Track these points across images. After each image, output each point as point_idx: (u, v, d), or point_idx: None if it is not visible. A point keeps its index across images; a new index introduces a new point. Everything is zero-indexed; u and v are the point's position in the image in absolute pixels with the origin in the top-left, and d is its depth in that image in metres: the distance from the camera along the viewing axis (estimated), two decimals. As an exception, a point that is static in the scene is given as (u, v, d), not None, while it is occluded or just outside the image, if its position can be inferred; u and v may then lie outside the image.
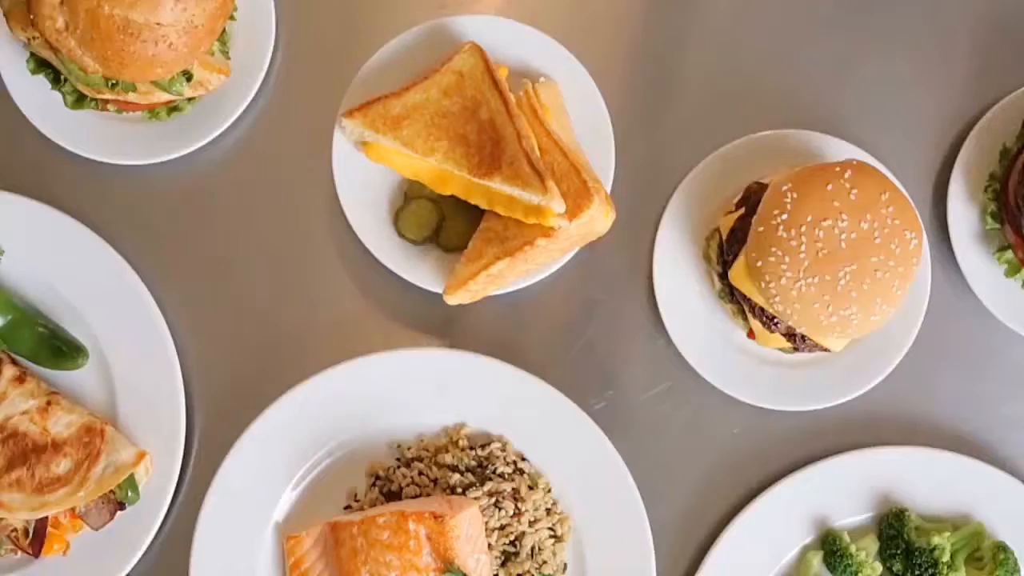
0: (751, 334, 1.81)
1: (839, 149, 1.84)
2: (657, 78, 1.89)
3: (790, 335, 1.76)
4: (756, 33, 1.90)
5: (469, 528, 1.73)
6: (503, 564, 1.79)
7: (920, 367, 1.86)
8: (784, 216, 1.69)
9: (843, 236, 1.68)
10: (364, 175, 1.81)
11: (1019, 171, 1.80)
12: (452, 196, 1.79)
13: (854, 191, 1.69)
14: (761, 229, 1.70)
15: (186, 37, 1.70)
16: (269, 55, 1.83)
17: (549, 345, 1.86)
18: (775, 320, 1.75)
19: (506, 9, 1.89)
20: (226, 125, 1.83)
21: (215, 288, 1.86)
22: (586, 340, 1.86)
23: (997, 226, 1.83)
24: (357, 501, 1.81)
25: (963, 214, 1.85)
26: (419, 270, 1.81)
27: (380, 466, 1.82)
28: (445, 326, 1.85)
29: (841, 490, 1.83)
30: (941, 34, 1.90)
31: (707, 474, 1.85)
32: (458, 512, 1.72)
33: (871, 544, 1.82)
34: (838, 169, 1.70)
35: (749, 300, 1.75)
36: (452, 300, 1.76)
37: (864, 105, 1.89)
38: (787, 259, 1.68)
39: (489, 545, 1.78)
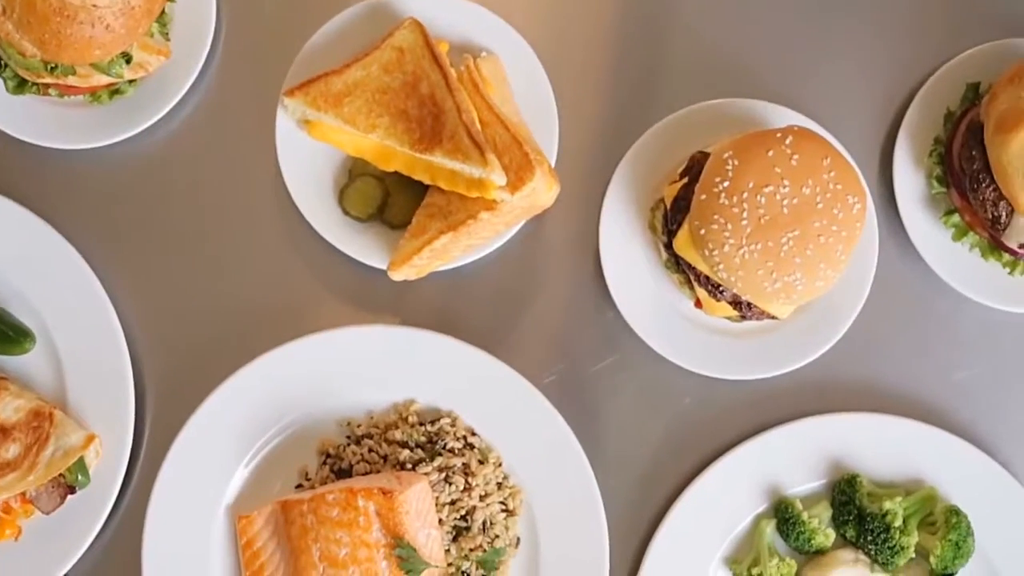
0: (698, 304, 1.80)
1: (784, 117, 1.83)
2: (600, 50, 1.89)
3: (736, 303, 1.75)
4: (699, 3, 1.89)
5: (418, 503, 1.73)
6: (454, 539, 1.79)
7: (871, 333, 1.86)
8: (726, 183, 1.69)
9: (785, 202, 1.67)
10: (308, 154, 1.81)
11: (963, 134, 1.79)
12: (396, 172, 1.78)
13: (795, 157, 1.68)
14: (703, 197, 1.70)
15: (123, 18, 1.70)
16: (210, 36, 1.83)
17: (498, 320, 1.85)
18: (720, 288, 1.74)
19: (449, -15, 1.88)
20: (169, 107, 1.82)
21: (163, 270, 1.85)
22: (535, 314, 1.86)
23: (943, 190, 1.82)
24: (308, 480, 1.81)
25: (909, 179, 1.85)
26: (365, 247, 1.81)
27: (330, 444, 1.82)
28: (393, 303, 1.85)
29: (793, 458, 1.82)
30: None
31: (659, 445, 1.85)
32: (407, 488, 1.72)
33: (824, 511, 1.82)
34: (779, 135, 1.70)
35: (694, 269, 1.75)
36: (397, 276, 1.76)
37: (808, 73, 1.88)
38: (729, 226, 1.68)
39: (440, 520, 1.78)
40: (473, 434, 1.81)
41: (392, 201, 1.81)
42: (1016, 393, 1.86)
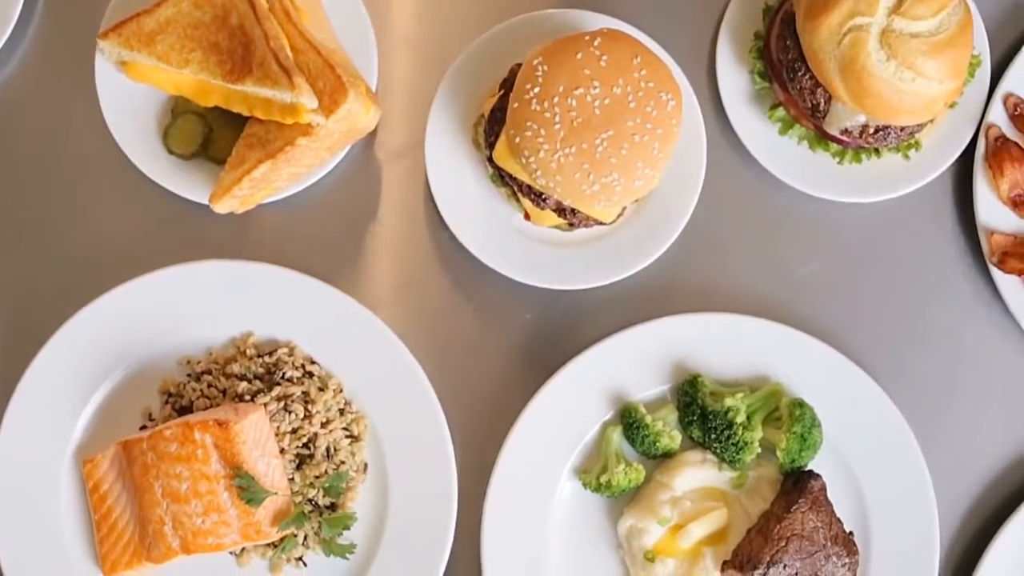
0: (527, 216, 1.80)
1: (606, 25, 1.82)
2: (417, -28, 1.89)
3: (560, 210, 1.75)
4: (516, -81, 1.89)
5: (255, 433, 1.73)
6: (298, 467, 1.78)
7: (708, 234, 1.85)
8: (536, 89, 1.68)
9: (596, 103, 1.67)
10: (129, 96, 1.81)
11: (778, 25, 1.79)
12: (218, 108, 1.78)
13: (604, 57, 1.68)
14: (516, 105, 1.70)
15: (-76, -29, 1.71)
16: (22, -13, 1.83)
17: (334, 247, 1.85)
18: (543, 196, 1.74)
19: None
20: (-12, 60, 1.83)
21: (-6, 224, 1.86)
22: (371, 239, 1.85)
23: (766, 84, 1.82)
24: (152, 420, 1.81)
25: (733, 77, 1.84)
26: (193, 184, 1.80)
27: (172, 383, 1.82)
28: (230, 239, 1.84)
29: (637, 363, 1.82)
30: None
31: (505, 362, 1.85)
32: (243, 418, 1.72)
33: (670, 414, 1.81)
34: (587, 38, 1.69)
35: (517, 180, 1.75)
36: (220, 208, 1.75)
37: (629, -21, 1.88)
38: (543, 132, 1.67)
39: (282, 449, 1.77)
40: (312, 362, 1.81)
41: (215, 137, 1.81)
42: (856, 283, 1.86)
